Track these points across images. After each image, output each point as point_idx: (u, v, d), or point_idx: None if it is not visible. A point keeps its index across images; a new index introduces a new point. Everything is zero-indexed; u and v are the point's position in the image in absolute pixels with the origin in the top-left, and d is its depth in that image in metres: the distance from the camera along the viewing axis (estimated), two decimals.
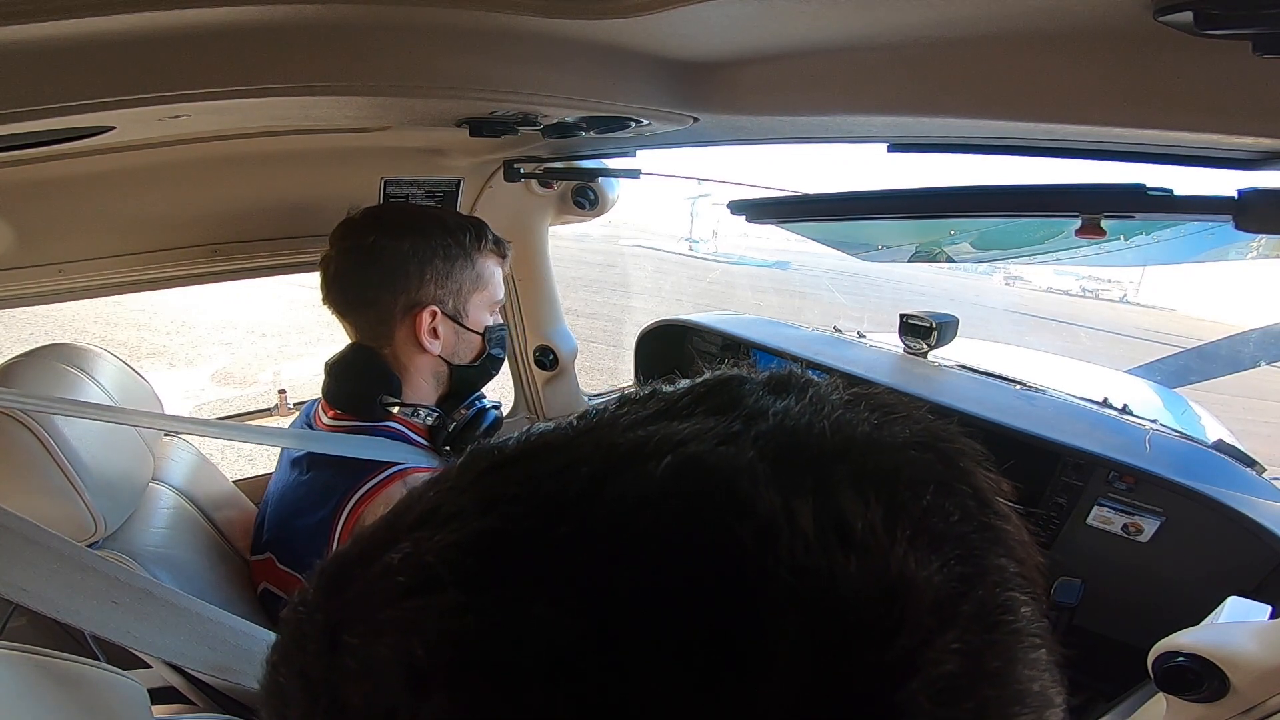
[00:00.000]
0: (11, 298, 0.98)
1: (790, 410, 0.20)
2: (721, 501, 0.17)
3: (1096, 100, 0.47)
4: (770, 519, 0.16)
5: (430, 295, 0.92)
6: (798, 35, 0.54)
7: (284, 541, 0.89)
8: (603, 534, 0.17)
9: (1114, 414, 1.23)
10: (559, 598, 0.16)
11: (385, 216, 0.93)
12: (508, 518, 0.18)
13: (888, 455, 0.20)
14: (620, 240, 14.59)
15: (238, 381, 5.57)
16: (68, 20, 0.41)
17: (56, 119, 0.53)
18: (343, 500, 0.83)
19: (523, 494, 0.18)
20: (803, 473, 0.18)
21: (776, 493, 0.17)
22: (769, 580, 0.16)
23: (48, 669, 0.54)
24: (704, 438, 0.19)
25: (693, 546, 0.16)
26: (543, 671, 0.15)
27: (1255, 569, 0.94)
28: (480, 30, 0.56)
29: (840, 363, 1.41)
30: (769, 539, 0.16)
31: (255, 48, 0.51)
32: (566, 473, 0.18)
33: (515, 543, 0.17)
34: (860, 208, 0.84)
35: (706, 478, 0.18)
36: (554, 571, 0.16)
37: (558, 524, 0.17)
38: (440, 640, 0.16)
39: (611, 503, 0.17)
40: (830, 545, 0.16)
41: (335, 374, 0.94)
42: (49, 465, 0.73)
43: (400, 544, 0.18)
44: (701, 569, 0.16)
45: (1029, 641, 0.18)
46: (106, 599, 0.56)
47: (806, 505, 0.17)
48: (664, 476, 0.18)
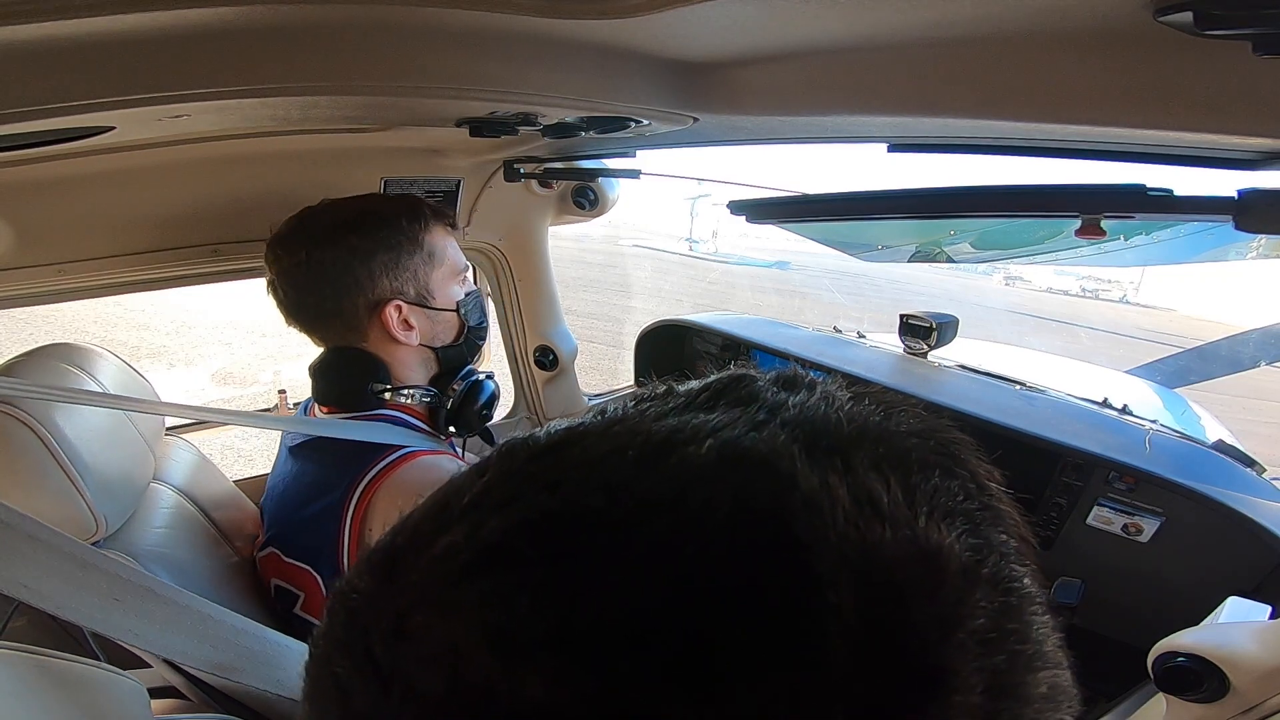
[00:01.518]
0: (11, 298, 0.98)
1: (806, 403, 0.22)
2: (769, 477, 0.18)
3: (1096, 100, 0.47)
4: (813, 493, 0.18)
5: (388, 289, 0.89)
6: (798, 35, 0.54)
7: (286, 534, 0.89)
8: (665, 508, 0.18)
9: (1114, 414, 1.23)
10: (635, 567, 0.17)
11: (312, 226, 0.88)
12: (569, 499, 0.19)
13: (897, 442, 0.21)
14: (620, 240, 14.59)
15: (237, 381, 5.57)
16: (68, 20, 0.41)
17: (56, 119, 0.53)
18: (351, 486, 0.83)
19: (577, 477, 0.19)
20: (830, 455, 0.19)
21: (813, 471, 0.18)
22: (823, 544, 0.17)
23: (48, 668, 0.54)
24: (735, 425, 0.20)
25: (751, 515, 0.18)
26: (632, 636, 0.16)
27: (1255, 569, 0.94)
28: (480, 30, 0.56)
29: (840, 363, 1.41)
30: (815, 509, 0.17)
31: (255, 48, 0.51)
32: (614, 457, 0.20)
33: (584, 519, 0.18)
34: (860, 208, 0.84)
35: (750, 457, 0.19)
36: (625, 544, 0.17)
37: (619, 501, 0.18)
38: (531, 613, 0.16)
39: (666, 480, 0.18)
40: (867, 516, 0.18)
41: (320, 374, 0.93)
42: (50, 465, 0.73)
43: (455, 527, 0.19)
44: (762, 534, 0.17)
45: (1037, 606, 0.20)
46: (109, 596, 0.56)
47: (840, 482, 0.18)
48: (709, 457, 0.19)
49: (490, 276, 1.44)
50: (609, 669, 0.16)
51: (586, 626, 0.16)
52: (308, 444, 0.91)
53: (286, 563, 0.88)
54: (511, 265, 1.42)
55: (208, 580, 0.89)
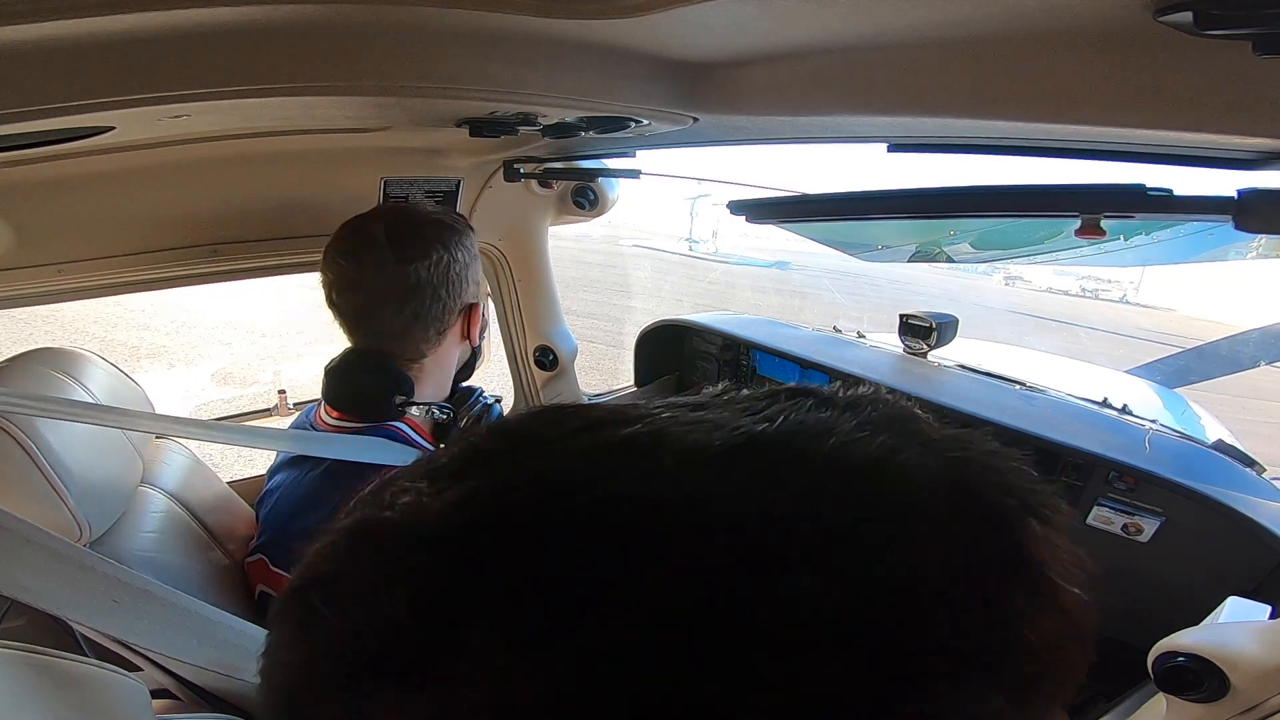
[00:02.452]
0: (11, 298, 0.98)
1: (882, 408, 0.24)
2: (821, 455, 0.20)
3: (1096, 100, 0.47)
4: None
5: (474, 293, 0.97)
6: (797, 35, 0.54)
7: (276, 543, 0.88)
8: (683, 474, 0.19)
9: (1114, 414, 1.23)
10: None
11: (405, 238, 0.89)
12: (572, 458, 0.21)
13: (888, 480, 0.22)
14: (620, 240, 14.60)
15: (237, 381, 5.57)
16: (68, 20, 0.41)
17: (56, 119, 0.53)
18: (343, 504, 0.82)
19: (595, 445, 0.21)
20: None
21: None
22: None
23: (47, 668, 0.54)
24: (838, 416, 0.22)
25: (805, 478, 0.19)
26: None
27: (1255, 569, 0.94)
28: (480, 30, 0.56)
29: (840, 363, 1.41)
30: (868, 482, 0.20)
31: (255, 48, 0.51)
32: (656, 416, 0.21)
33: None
34: (860, 208, 0.84)
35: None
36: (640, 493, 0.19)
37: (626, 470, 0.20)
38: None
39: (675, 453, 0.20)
40: (932, 500, 0.20)
41: (340, 377, 0.92)
42: (30, 469, 0.72)
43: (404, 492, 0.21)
44: (811, 500, 0.19)
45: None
46: (106, 598, 0.56)
47: (899, 459, 0.20)
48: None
49: (490, 276, 1.44)
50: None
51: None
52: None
53: (273, 571, 0.87)
54: (511, 265, 1.42)
55: (197, 584, 0.87)
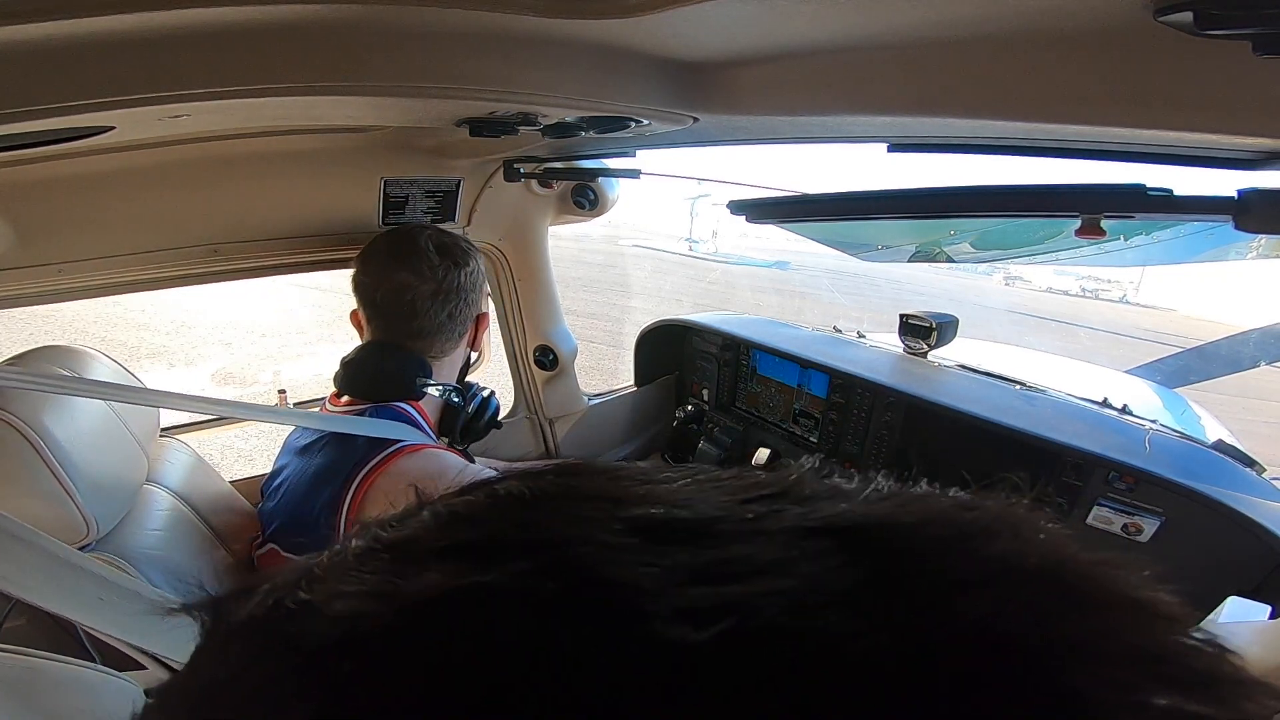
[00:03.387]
0: (11, 298, 0.98)
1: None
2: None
3: (1096, 100, 0.47)
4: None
5: (484, 304, 1.09)
6: (798, 35, 0.54)
7: (288, 529, 0.90)
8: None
9: (1114, 414, 1.23)
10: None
11: (446, 251, 1.01)
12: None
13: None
14: (620, 240, 14.61)
15: (237, 381, 5.56)
16: (68, 20, 0.41)
17: (56, 119, 0.53)
18: (353, 474, 0.86)
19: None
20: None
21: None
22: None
23: (44, 671, 0.54)
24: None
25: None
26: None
27: (1255, 569, 0.94)
28: (480, 30, 0.56)
29: (840, 363, 1.41)
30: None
31: (255, 48, 0.51)
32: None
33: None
34: (860, 208, 0.84)
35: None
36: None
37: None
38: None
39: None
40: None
41: (361, 366, 0.98)
42: (40, 468, 0.73)
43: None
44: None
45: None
46: (94, 595, 0.56)
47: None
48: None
49: (490, 276, 1.44)
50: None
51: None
52: (318, 441, 0.93)
53: (285, 558, 0.89)
54: (511, 265, 1.42)
55: (203, 582, 0.88)
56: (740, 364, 1.62)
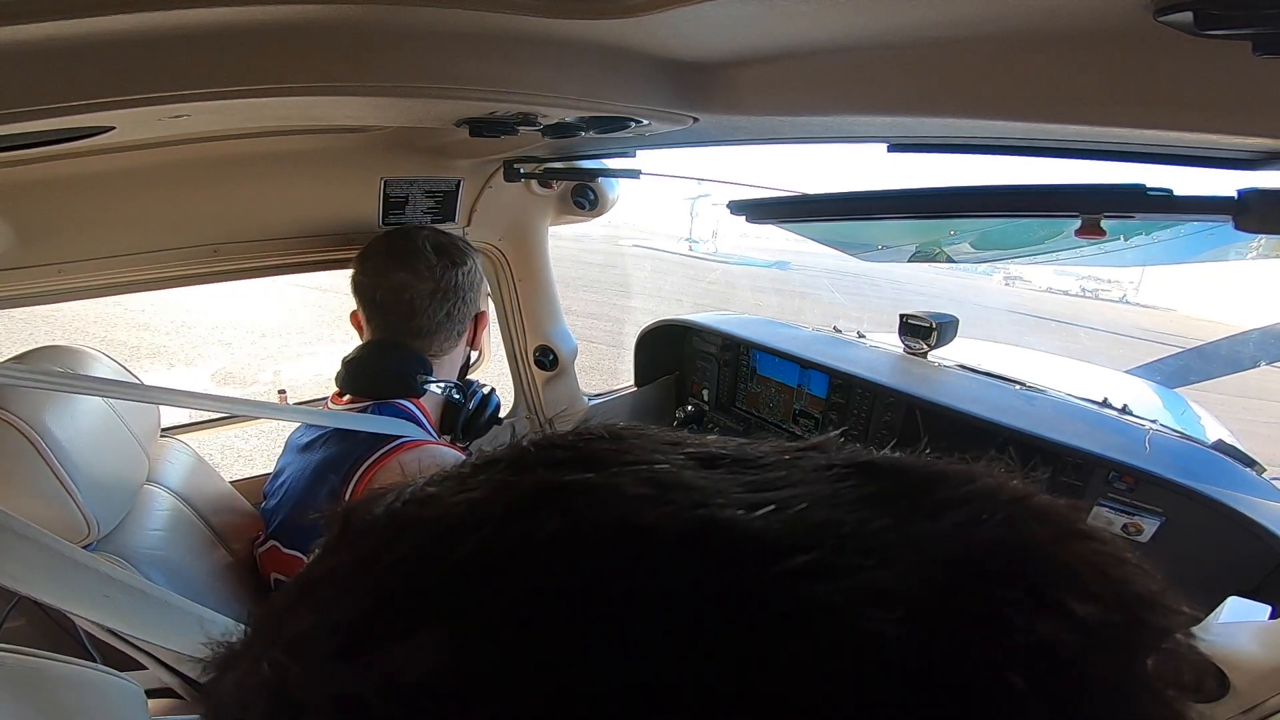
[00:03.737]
0: (11, 298, 0.98)
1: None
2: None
3: (1096, 100, 0.47)
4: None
5: (483, 303, 1.10)
6: (798, 35, 0.54)
7: (288, 525, 0.91)
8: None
9: (1114, 414, 1.23)
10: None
11: (447, 251, 1.03)
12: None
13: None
14: (620, 240, 14.60)
15: (238, 381, 5.56)
16: (68, 20, 0.41)
17: (56, 119, 0.53)
18: (354, 468, 0.87)
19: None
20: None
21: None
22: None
23: (44, 671, 0.54)
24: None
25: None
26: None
27: (1255, 569, 0.94)
28: (480, 30, 0.56)
29: (840, 363, 1.41)
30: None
31: (255, 48, 0.51)
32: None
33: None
34: (860, 208, 0.84)
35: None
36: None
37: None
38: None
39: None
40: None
41: (362, 364, 0.99)
42: (40, 468, 0.73)
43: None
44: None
45: None
46: (98, 593, 0.56)
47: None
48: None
49: (490, 276, 1.44)
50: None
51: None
52: (319, 439, 0.94)
53: (285, 554, 0.90)
54: (511, 265, 1.42)
55: (204, 582, 0.89)
56: (740, 364, 1.62)
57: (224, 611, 0.66)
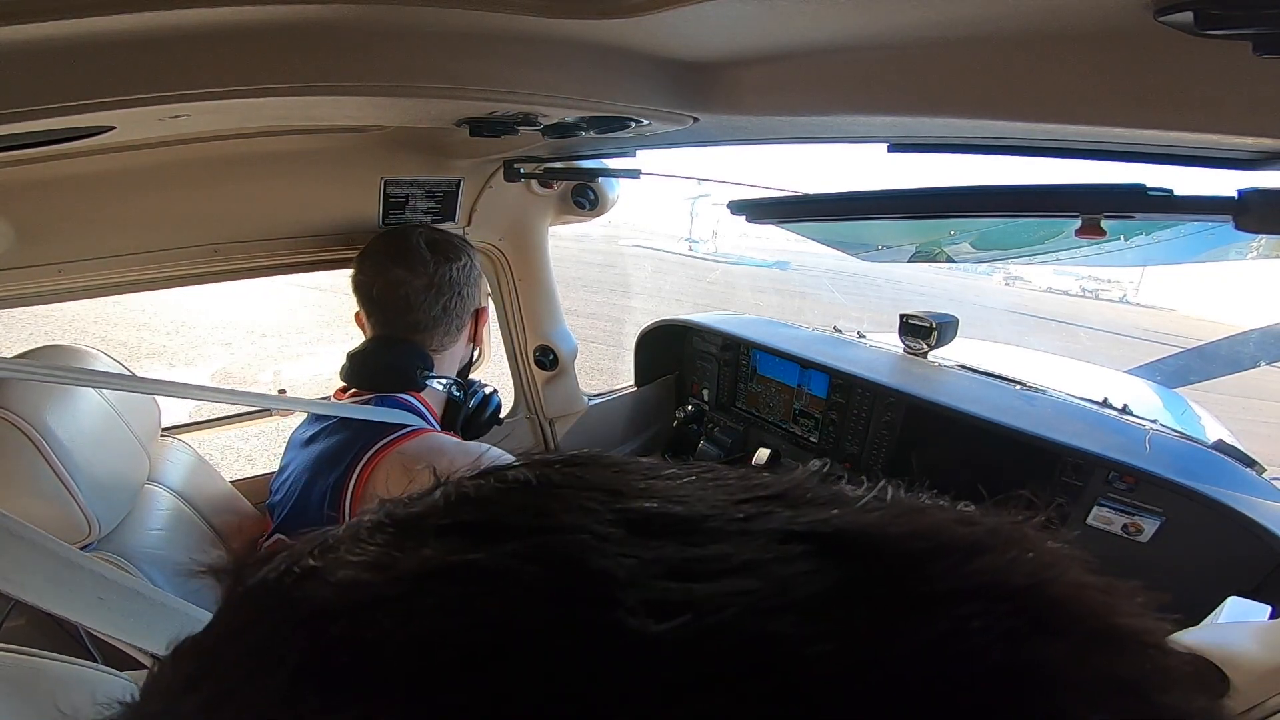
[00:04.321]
0: (11, 298, 0.98)
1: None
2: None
3: (1096, 100, 0.47)
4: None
5: (481, 298, 1.10)
6: (798, 35, 0.54)
7: (293, 518, 0.91)
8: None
9: (1114, 414, 1.23)
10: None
11: (446, 243, 1.05)
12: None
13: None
14: (620, 240, 14.60)
15: (237, 381, 5.56)
16: (68, 20, 0.41)
17: (56, 119, 0.53)
18: (357, 458, 0.87)
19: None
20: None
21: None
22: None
23: (45, 670, 0.54)
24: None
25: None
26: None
27: (1255, 569, 0.94)
28: (480, 30, 0.56)
29: (840, 363, 1.41)
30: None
31: (255, 48, 0.51)
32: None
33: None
34: (860, 208, 0.84)
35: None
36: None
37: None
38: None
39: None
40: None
41: (366, 358, 1.01)
42: (42, 467, 0.73)
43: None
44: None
45: None
46: (93, 596, 0.56)
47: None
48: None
49: (490, 276, 1.44)
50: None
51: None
52: (322, 431, 0.95)
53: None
54: (512, 265, 1.42)
55: (204, 583, 0.88)
56: (740, 364, 1.62)
57: None
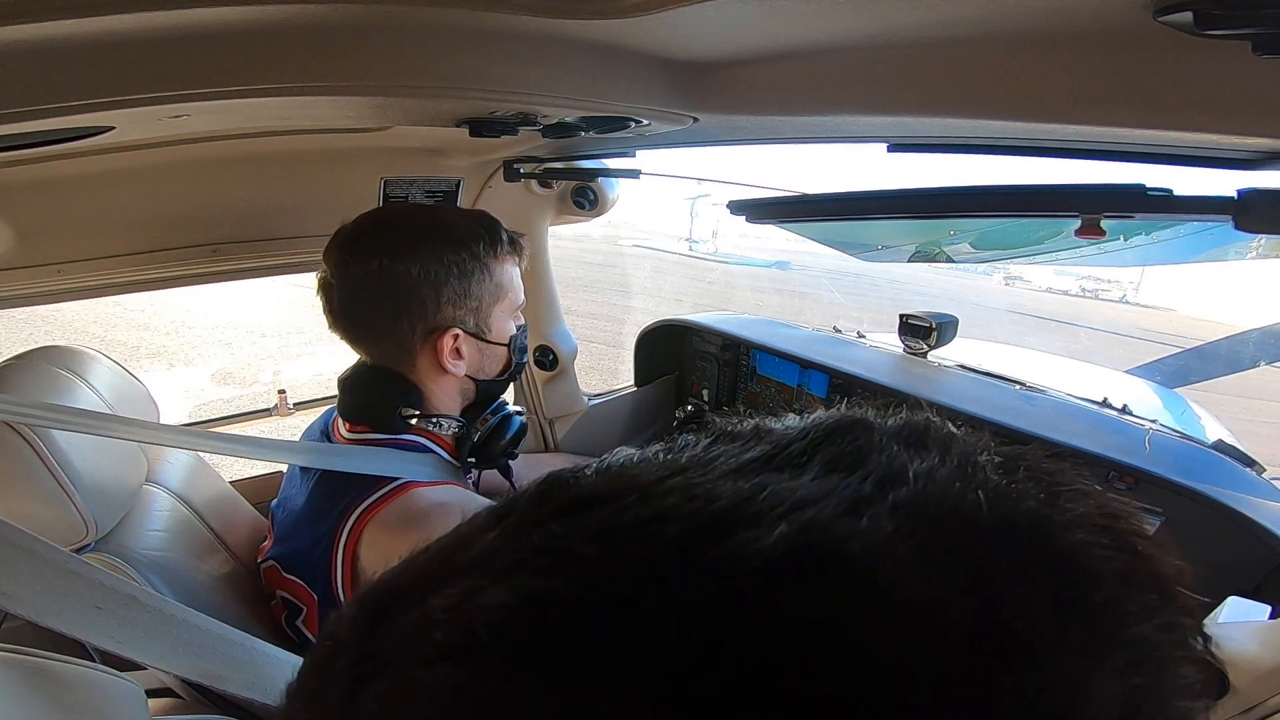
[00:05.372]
0: (11, 298, 0.98)
1: (935, 473, 0.17)
2: (852, 591, 0.14)
3: (1096, 100, 0.47)
4: (915, 618, 0.13)
5: (450, 318, 0.85)
6: (798, 35, 0.54)
7: (286, 550, 0.88)
8: (699, 619, 0.13)
9: (1114, 414, 1.23)
10: (632, 691, 0.13)
11: (388, 233, 0.83)
12: (574, 581, 0.15)
13: (1059, 538, 0.16)
14: (620, 240, 14.61)
15: (237, 381, 5.56)
16: (68, 20, 0.41)
17: (56, 119, 0.53)
18: (347, 511, 0.80)
19: (595, 553, 0.15)
20: (956, 558, 0.15)
21: (922, 582, 0.14)
22: (907, 703, 0.13)
23: (43, 670, 0.54)
24: (827, 501, 0.15)
25: (811, 651, 0.13)
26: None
27: (1255, 569, 0.94)
28: (480, 30, 0.56)
29: (840, 363, 1.41)
30: (911, 644, 0.13)
31: (255, 48, 0.51)
32: (649, 529, 0.15)
33: (590, 614, 0.14)
34: (860, 208, 0.84)
35: (832, 556, 0.14)
36: (626, 658, 0.13)
37: (640, 597, 0.14)
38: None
39: (703, 577, 0.14)
40: (986, 654, 0.13)
41: (349, 389, 0.90)
42: (38, 467, 0.73)
43: (448, 588, 0.15)
44: (821, 682, 0.13)
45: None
46: (90, 604, 0.55)
47: (961, 601, 0.14)
48: (776, 551, 0.14)
49: None
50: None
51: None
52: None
53: (285, 577, 0.87)
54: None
55: (203, 585, 0.88)
56: (740, 364, 1.62)
57: (222, 615, 0.66)
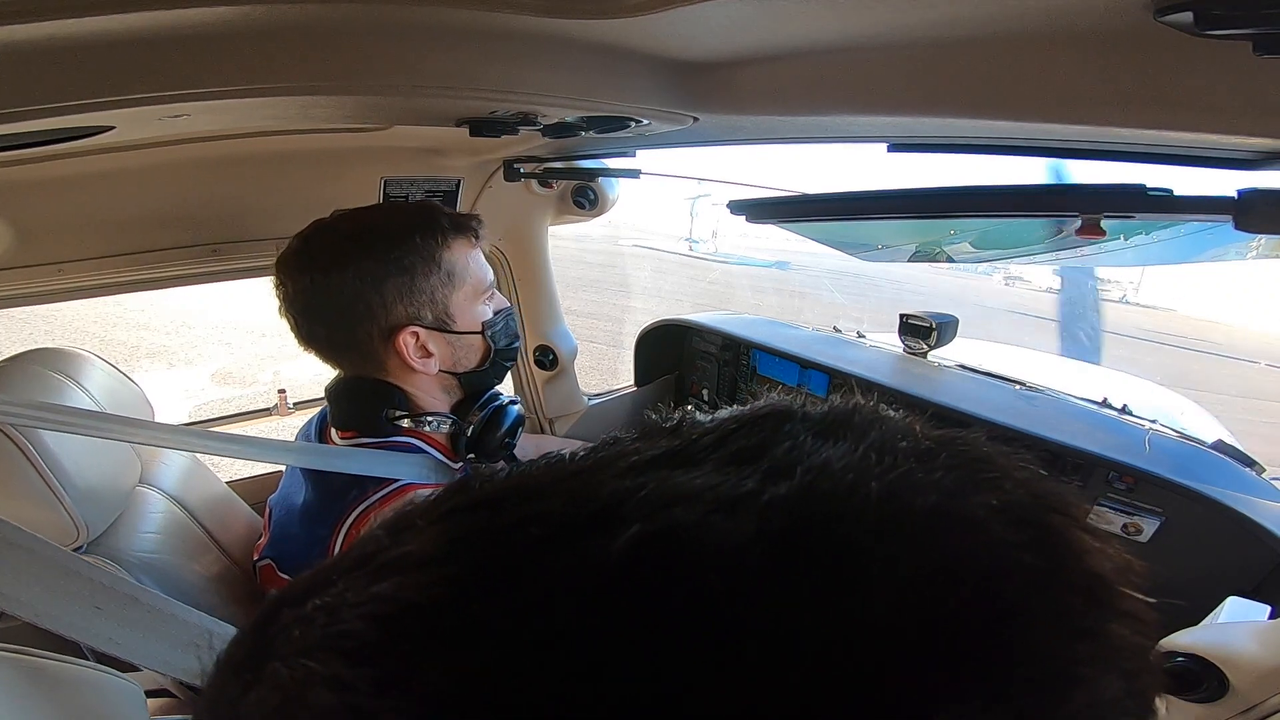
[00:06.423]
0: (11, 298, 0.98)
1: (832, 463, 0.16)
2: (680, 604, 0.13)
3: (1097, 100, 0.47)
4: (755, 634, 0.12)
5: (402, 315, 0.82)
6: (798, 35, 0.54)
7: (285, 548, 0.88)
8: (520, 624, 0.13)
9: (1113, 414, 1.23)
10: (451, 698, 0.13)
11: (316, 246, 0.82)
12: (419, 586, 0.15)
13: (956, 537, 0.15)
14: (620, 240, 14.59)
15: (237, 381, 5.56)
16: (68, 20, 0.41)
17: (56, 119, 0.53)
18: (340, 520, 0.79)
19: (466, 554, 0.15)
20: (816, 562, 0.13)
21: (768, 594, 0.13)
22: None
23: (43, 670, 0.54)
24: (700, 499, 0.15)
25: (634, 662, 0.12)
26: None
27: (1255, 569, 0.94)
28: (480, 30, 0.56)
29: (840, 363, 1.41)
30: (741, 669, 0.12)
31: (255, 48, 0.51)
32: (515, 534, 0.15)
33: (414, 619, 0.14)
34: (860, 208, 0.84)
35: (673, 563, 0.14)
36: (449, 665, 0.13)
37: (466, 602, 0.14)
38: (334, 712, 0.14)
39: (545, 582, 0.14)
40: (815, 689, 0.12)
41: (335, 398, 0.89)
42: (27, 469, 0.72)
43: (329, 590, 0.16)
44: (639, 696, 0.12)
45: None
46: (90, 604, 0.55)
47: (809, 618, 0.13)
48: (620, 555, 0.14)
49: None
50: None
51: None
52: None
53: (281, 577, 0.87)
54: (511, 265, 1.42)
55: (196, 586, 0.88)
56: (740, 364, 1.62)
57: (218, 616, 0.66)
